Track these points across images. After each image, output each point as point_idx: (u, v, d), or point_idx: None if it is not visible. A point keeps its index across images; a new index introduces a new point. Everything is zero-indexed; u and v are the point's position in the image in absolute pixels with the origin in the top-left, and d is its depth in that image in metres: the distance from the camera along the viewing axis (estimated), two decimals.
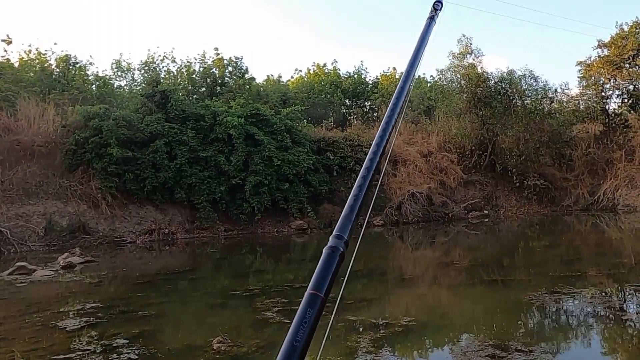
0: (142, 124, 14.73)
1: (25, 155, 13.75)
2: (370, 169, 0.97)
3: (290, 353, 0.67)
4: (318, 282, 0.76)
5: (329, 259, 0.80)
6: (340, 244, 0.83)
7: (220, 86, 20.98)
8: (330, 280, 0.77)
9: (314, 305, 0.73)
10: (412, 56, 1.28)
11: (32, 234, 12.69)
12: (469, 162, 19.06)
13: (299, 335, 0.69)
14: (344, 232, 0.85)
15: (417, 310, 6.30)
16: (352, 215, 0.88)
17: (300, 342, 0.68)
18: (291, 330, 0.70)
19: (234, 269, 10.27)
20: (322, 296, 0.74)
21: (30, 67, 18.51)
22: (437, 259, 10.60)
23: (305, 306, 0.73)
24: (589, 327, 5.20)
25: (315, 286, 0.76)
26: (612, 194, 18.43)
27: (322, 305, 0.74)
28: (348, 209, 0.89)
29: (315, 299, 0.74)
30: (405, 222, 16.37)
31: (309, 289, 0.75)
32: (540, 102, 19.70)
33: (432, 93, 22.63)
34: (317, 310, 0.73)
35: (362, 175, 0.95)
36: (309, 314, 0.72)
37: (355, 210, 0.89)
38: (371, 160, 0.99)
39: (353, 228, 0.87)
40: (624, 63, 20.32)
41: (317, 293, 0.74)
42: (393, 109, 1.13)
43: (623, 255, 9.77)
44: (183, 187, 14.61)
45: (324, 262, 0.80)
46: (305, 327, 0.70)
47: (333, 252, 0.81)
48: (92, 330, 5.42)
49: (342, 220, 0.88)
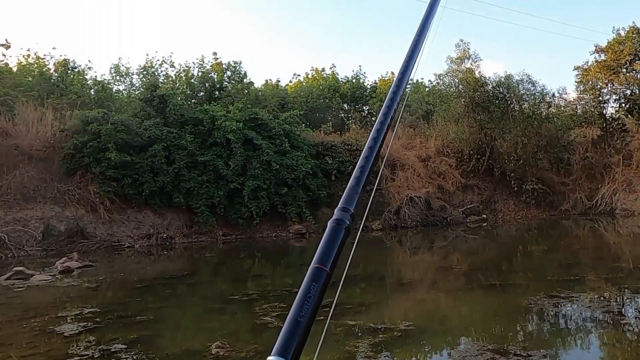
0: (141, 129, 14.73)
1: (23, 159, 13.73)
2: (377, 140, 0.92)
3: (294, 328, 0.65)
4: (323, 255, 0.73)
5: (334, 232, 0.77)
6: (346, 217, 0.79)
7: (218, 90, 21.00)
8: (335, 254, 0.74)
9: (318, 279, 0.70)
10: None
11: (30, 238, 12.65)
12: (467, 167, 19.10)
13: (303, 310, 0.66)
14: (349, 205, 0.81)
15: (415, 314, 6.29)
16: (358, 187, 0.84)
17: (304, 317, 0.66)
18: (295, 305, 0.67)
19: (232, 273, 10.26)
20: (327, 270, 0.71)
21: (28, 71, 18.51)
22: (436, 264, 10.60)
23: (309, 280, 0.69)
24: (587, 331, 5.20)
25: (319, 260, 0.72)
26: (610, 198, 18.47)
27: (327, 280, 0.70)
28: (354, 180, 0.85)
29: (320, 273, 0.70)
30: (403, 226, 16.37)
31: (313, 262, 0.72)
32: (538, 107, 19.77)
33: (430, 97, 22.71)
34: (322, 284, 0.69)
35: (368, 147, 0.91)
36: (314, 288, 0.68)
37: (362, 182, 0.85)
38: (378, 131, 0.94)
39: (359, 200, 0.83)
40: (621, 68, 20.41)
41: (322, 267, 0.71)
42: (401, 78, 1.06)
43: (621, 260, 9.77)
44: (181, 191, 14.60)
45: (329, 236, 0.76)
46: (309, 302, 0.67)
47: (338, 225, 0.78)
48: (90, 335, 5.40)
49: (347, 192, 0.84)
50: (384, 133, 0.94)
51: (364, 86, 26.19)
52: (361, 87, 25.97)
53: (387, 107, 0.99)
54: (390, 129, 0.97)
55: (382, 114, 0.98)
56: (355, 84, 25.95)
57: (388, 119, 0.97)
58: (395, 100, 1.02)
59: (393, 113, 0.99)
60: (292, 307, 0.67)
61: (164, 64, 21.65)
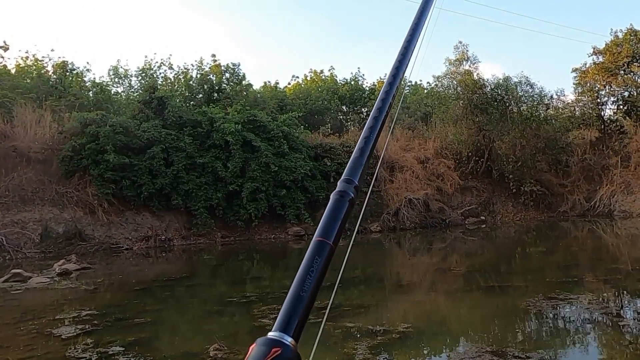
0: (139, 130, 14.72)
1: (22, 161, 13.71)
2: (383, 110, 0.88)
3: (295, 304, 0.62)
4: (326, 228, 0.70)
5: (337, 204, 0.74)
6: (350, 189, 0.76)
7: (217, 92, 21.00)
8: (339, 227, 0.71)
9: (321, 253, 0.67)
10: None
11: (28, 240, 12.63)
12: (465, 168, 19.12)
13: (306, 285, 0.63)
14: (353, 176, 0.78)
15: (414, 316, 6.29)
16: (362, 159, 0.81)
17: (306, 293, 0.63)
18: (297, 279, 0.64)
19: (230, 275, 10.24)
20: (330, 244, 0.68)
21: (27, 73, 18.49)
22: (435, 265, 10.60)
23: (312, 254, 0.67)
24: (586, 333, 5.20)
25: (322, 233, 0.69)
26: (609, 199, 18.50)
27: (331, 254, 0.68)
28: (358, 151, 0.82)
29: (323, 246, 0.68)
30: (402, 228, 16.37)
31: (315, 236, 0.69)
32: (537, 109, 19.82)
33: (429, 99, 22.73)
34: (325, 258, 0.67)
35: (373, 117, 0.87)
36: (317, 262, 0.66)
37: (366, 153, 0.82)
38: (383, 100, 0.89)
39: (364, 172, 0.80)
40: (619, 70, 20.48)
41: (325, 240, 0.68)
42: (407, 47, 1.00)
43: (620, 261, 9.78)
44: (180, 193, 14.58)
45: (332, 208, 0.73)
46: (312, 277, 0.64)
47: (342, 197, 0.74)
48: (87, 338, 5.38)
49: (351, 163, 0.81)
50: (389, 103, 0.90)
51: (363, 88, 26.22)
52: (360, 89, 26.00)
53: (395, 70, 0.95)
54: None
55: (387, 83, 0.93)
56: (353, 85, 25.99)
57: (394, 88, 0.93)
58: (404, 63, 0.97)
59: (398, 85, 0.94)
60: (294, 282, 0.64)
61: (163, 66, 21.68)
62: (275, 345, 0.57)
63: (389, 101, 0.90)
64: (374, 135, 0.85)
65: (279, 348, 0.57)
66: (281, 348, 0.57)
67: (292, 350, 0.58)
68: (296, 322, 0.61)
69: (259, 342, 0.58)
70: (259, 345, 0.57)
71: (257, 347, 0.57)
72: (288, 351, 0.57)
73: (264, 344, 0.57)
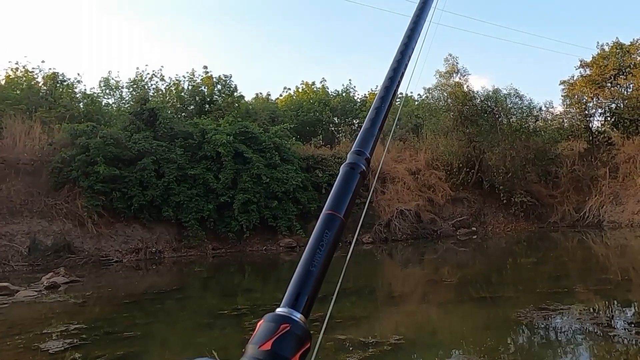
0: (130, 142, 14.66)
1: (10, 173, 13.57)
2: (395, 79, 0.83)
3: (305, 278, 0.59)
4: (336, 201, 0.66)
5: (347, 176, 0.71)
6: (361, 161, 0.73)
7: (209, 104, 21.00)
8: (350, 200, 0.67)
9: (332, 226, 0.64)
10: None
11: (16, 253, 12.45)
12: (456, 180, 19.22)
13: (316, 260, 0.60)
14: (364, 148, 0.74)
15: (406, 328, 6.27)
16: (374, 130, 0.76)
17: (316, 267, 0.60)
18: (306, 254, 0.61)
19: (222, 288, 10.16)
20: (341, 217, 0.65)
21: (17, 84, 18.37)
22: (426, 277, 10.60)
23: (322, 227, 0.63)
24: (577, 343, 5.21)
25: (332, 206, 0.66)
26: (598, 210, 18.66)
27: (342, 228, 0.65)
28: (369, 122, 0.78)
29: (333, 220, 0.64)
30: (394, 239, 16.37)
31: (325, 209, 0.66)
32: (526, 120, 20.06)
33: (420, 111, 22.91)
34: (335, 231, 0.63)
35: (384, 86, 0.82)
36: (327, 236, 0.62)
37: (378, 124, 0.77)
38: (395, 70, 0.84)
39: (375, 144, 0.76)
40: (606, 82, 20.82)
41: (335, 213, 0.65)
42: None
43: (609, 272, 9.85)
44: (171, 205, 14.50)
45: (342, 181, 0.70)
46: (322, 251, 0.61)
47: (352, 169, 0.71)
48: (75, 352, 5.30)
49: (362, 134, 0.76)
50: (401, 72, 0.85)
51: (354, 100, 26.35)
52: (351, 101, 26.13)
53: (408, 38, 0.89)
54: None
55: (402, 44, 0.88)
56: (345, 97, 26.11)
57: (410, 50, 0.87)
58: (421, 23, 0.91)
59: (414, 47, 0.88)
60: (303, 256, 0.61)
61: (154, 78, 21.63)
62: (284, 322, 0.54)
63: (400, 70, 0.85)
64: (385, 105, 0.80)
65: (288, 324, 0.54)
66: (290, 324, 0.54)
67: (302, 327, 0.55)
68: (306, 298, 0.58)
69: (267, 319, 0.55)
70: (266, 322, 0.54)
71: (265, 323, 0.54)
72: (297, 327, 0.54)
73: (272, 320, 0.55)
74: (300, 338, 0.54)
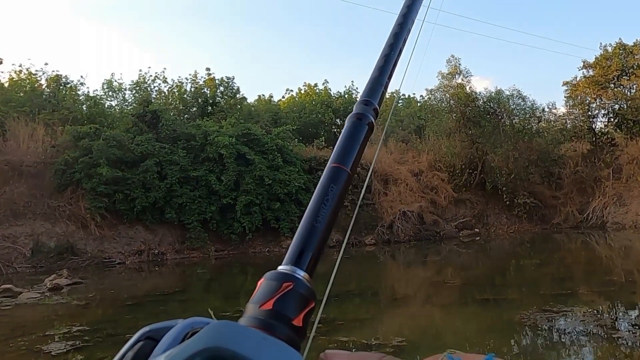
0: (133, 144, 14.69)
1: (14, 175, 13.61)
2: (404, 26, 0.78)
3: (309, 234, 0.55)
4: (342, 153, 0.62)
5: (354, 127, 0.66)
6: (369, 111, 0.68)
7: (211, 106, 21.03)
8: (357, 153, 0.63)
9: (337, 180, 0.59)
10: None
11: (19, 255, 12.48)
12: (459, 181, 19.18)
13: (320, 215, 0.56)
14: (372, 98, 0.69)
15: (409, 330, 6.25)
16: (382, 78, 0.72)
17: (321, 223, 0.56)
18: (309, 209, 0.56)
19: (224, 289, 10.15)
20: (347, 170, 0.61)
21: (20, 87, 18.44)
22: (429, 278, 10.57)
23: (327, 181, 0.59)
24: (581, 345, 5.19)
25: (338, 159, 0.61)
26: (601, 211, 18.59)
27: (348, 182, 0.60)
28: (377, 71, 0.73)
29: (339, 173, 0.60)
30: (397, 241, 16.35)
31: (330, 162, 0.62)
32: (529, 122, 20.00)
33: (422, 112, 22.90)
34: (342, 185, 0.59)
35: (393, 33, 0.77)
36: (332, 190, 0.58)
37: (386, 72, 0.72)
38: (404, 15, 0.79)
39: (384, 94, 0.72)
40: (609, 83, 20.75)
41: (341, 166, 0.61)
42: None
43: (613, 273, 9.80)
44: (173, 207, 14.51)
45: (348, 132, 0.65)
46: (327, 205, 0.56)
47: (359, 120, 0.67)
48: (78, 354, 5.30)
49: (369, 83, 0.71)
50: (414, 14, 0.79)
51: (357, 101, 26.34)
52: (353, 102, 25.72)
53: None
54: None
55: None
56: (347, 99, 26.11)
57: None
58: None
59: None
60: (306, 212, 0.56)
61: (157, 80, 21.69)
62: (287, 280, 0.50)
63: (412, 15, 0.79)
64: (395, 53, 0.75)
65: (291, 282, 0.50)
66: (293, 282, 0.50)
67: (306, 286, 0.51)
68: (310, 255, 0.54)
69: (268, 277, 0.50)
70: (267, 280, 0.50)
71: (266, 281, 0.50)
72: (301, 286, 0.50)
73: (273, 278, 0.50)
74: (304, 297, 0.50)
